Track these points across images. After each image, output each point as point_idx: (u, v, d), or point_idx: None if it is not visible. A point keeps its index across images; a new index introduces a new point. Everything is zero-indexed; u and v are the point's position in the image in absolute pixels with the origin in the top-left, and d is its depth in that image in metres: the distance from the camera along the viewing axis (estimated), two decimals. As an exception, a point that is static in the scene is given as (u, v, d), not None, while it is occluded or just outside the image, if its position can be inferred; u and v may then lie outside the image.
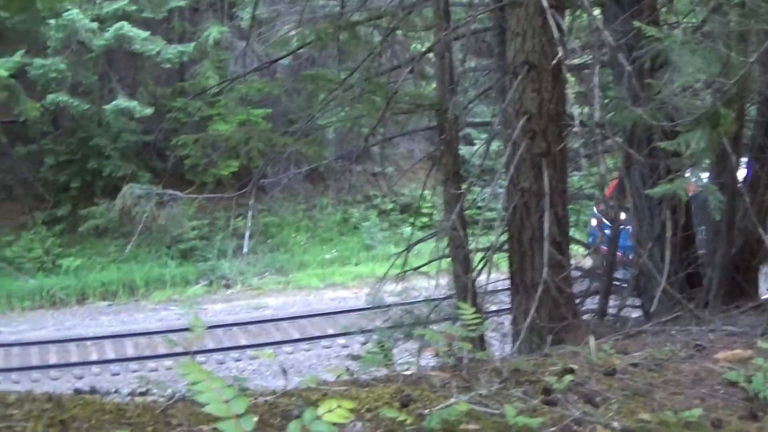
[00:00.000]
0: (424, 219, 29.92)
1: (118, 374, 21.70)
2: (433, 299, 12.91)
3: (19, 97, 12.05)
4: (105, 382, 20.23)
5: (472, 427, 3.58)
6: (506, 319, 12.00)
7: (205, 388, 2.84)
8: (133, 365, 22.23)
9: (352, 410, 2.85)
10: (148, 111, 30.06)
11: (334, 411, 2.80)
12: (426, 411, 3.69)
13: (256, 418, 3.26)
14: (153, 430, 3.52)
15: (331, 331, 23.68)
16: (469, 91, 13.68)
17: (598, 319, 10.77)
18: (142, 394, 4.18)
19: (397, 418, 3.41)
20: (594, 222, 24.94)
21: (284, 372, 4.49)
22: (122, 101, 29.87)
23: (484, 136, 25.16)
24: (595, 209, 24.99)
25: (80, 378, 21.33)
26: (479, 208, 14.55)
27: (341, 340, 22.74)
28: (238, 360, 22.59)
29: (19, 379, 21.11)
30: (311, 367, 21.50)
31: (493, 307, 13.52)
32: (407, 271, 12.69)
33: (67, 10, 27.90)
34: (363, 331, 14.83)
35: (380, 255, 30.05)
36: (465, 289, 10.18)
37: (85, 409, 3.63)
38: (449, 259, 11.69)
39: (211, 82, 29.56)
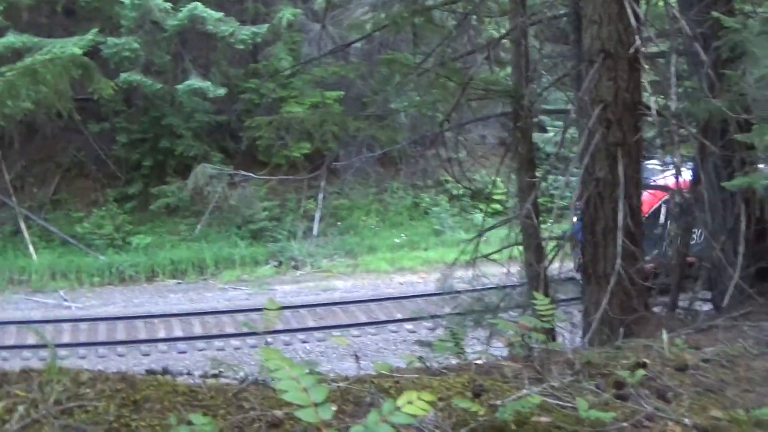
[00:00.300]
0: (496, 206, 29.78)
1: (185, 352, 21.89)
2: (504, 287, 12.88)
3: (94, 74, 12.22)
4: (172, 360, 20.46)
5: (543, 419, 3.58)
6: (574, 309, 11.94)
7: (285, 376, 2.85)
8: (200, 344, 22.40)
9: (430, 402, 2.85)
10: (221, 91, 30.22)
11: (413, 402, 2.79)
12: (498, 402, 3.70)
13: (334, 407, 3.28)
14: (225, 413, 3.56)
15: (399, 316, 23.62)
16: (543, 78, 13.64)
17: (668, 313, 10.70)
18: (215, 376, 4.22)
19: (469, 408, 3.42)
20: None
21: (357, 358, 4.51)
22: (195, 81, 30.06)
23: (557, 123, 25.05)
24: None
25: (147, 355, 21.55)
26: (551, 196, 14.46)
27: (408, 325, 22.68)
28: (304, 342, 22.65)
29: (86, 354, 21.37)
30: (378, 351, 21.54)
31: (562, 296, 13.44)
32: (478, 257, 12.67)
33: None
34: (432, 317, 14.81)
35: (450, 240, 29.96)
36: (537, 277, 10.15)
37: (158, 390, 3.67)
38: (520, 247, 11.67)
39: (284, 64, 29.66)
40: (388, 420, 2.70)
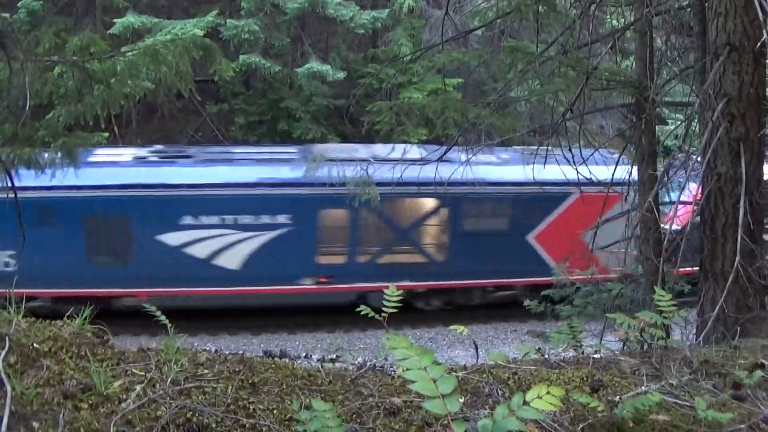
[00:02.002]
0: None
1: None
2: (620, 280, 12.76)
3: (216, 55, 12.35)
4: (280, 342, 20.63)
5: (661, 417, 3.57)
6: (685, 304, 11.78)
7: (413, 365, 2.83)
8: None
9: (561, 398, 2.86)
10: (341, 75, 30.32)
11: (542, 397, 2.76)
12: (617, 398, 3.70)
13: (462, 399, 3.30)
14: (343, 398, 3.61)
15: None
16: (667, 69, 13.46)
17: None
18: (332, 360, 4.28)
19: (588, 403, 3.42)
20: None
21: (476, 348, 4.53)
22: (315, 65, 30.16)
23: (676, 115, 24.65)
24: None
25: (256, 335, 21.77)
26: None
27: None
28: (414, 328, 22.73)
29: (196, 332, 21.81)
30: (487, 340, 21.56)
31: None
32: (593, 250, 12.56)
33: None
34: (548, 305, 14.63)
35: (566, 231, 29.83)
36: (655, 272, 10.04)
37: (277, 373, 3.74)
38: (638, 240, 11.55)
39: (403, 50, 29.65)
40: (516, 414, 2.71)
